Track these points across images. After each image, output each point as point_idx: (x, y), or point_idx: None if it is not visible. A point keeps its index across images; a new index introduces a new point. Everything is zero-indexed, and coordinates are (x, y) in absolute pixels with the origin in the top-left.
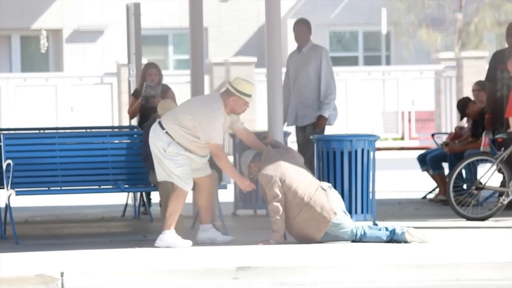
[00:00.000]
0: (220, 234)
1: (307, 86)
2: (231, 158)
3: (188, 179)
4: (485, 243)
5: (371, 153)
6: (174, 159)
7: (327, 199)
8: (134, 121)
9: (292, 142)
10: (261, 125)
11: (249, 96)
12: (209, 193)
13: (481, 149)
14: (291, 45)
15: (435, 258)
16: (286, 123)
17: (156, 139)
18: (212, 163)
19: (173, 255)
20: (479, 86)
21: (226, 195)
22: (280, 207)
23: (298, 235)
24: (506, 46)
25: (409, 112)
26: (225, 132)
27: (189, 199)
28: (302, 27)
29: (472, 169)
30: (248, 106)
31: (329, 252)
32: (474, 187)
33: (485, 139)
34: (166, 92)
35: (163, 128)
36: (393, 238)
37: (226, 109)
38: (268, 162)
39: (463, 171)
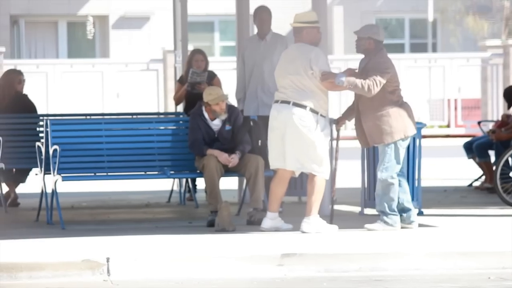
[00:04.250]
0: (284, 222)
1: (271, 74)
2: None
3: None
4: None
5: (417, 141)
6: (325, 135)
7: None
8: (180, 108)
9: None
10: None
11: (317, 22)
12: (286, 183)
13: None
14: (337, 33)
15: (481, 246)
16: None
17: (301, 121)
18: (258, 150)
19: (217, 241)
20: None
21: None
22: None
23: (370, 128)
24: None
25: (455, 100)
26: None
27: (234, 185)
28: (267, 14)
29: None
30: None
31: (374, 239)
32: None
33: None
34: (212, 78)
35: (304, 107)
36: (404, 215)
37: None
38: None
39: (510, 159)
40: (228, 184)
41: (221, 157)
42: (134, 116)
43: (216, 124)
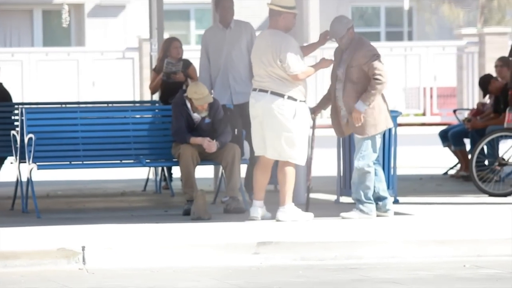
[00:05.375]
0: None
1: (241, 61)
2: None
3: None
4: (506, 219)
5: (393, 129)
6: (305, 121)
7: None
8: (156, 96)
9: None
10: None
11: (294, 8)
12: (269, 171)
13: (505, 125)
14: (313, 21)
15: (456, 234)
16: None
17: (279, 109)
18: (234, 138)
19: (193, 230)
20: (501, 62)
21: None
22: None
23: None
24: None
25: (431, 88)
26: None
27: (210, 173)
28: (230, 2)
29: (494, 145)
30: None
31: (350, 227)
32: (496, 163)
33: (509, 115)
34: (187, 67)
35: (282, 95)
36: (379, 203)
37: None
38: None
39: (485, 147)
40: (204, 172)
41: (205, 142)
42: (110, 105)
43: (196, 116)
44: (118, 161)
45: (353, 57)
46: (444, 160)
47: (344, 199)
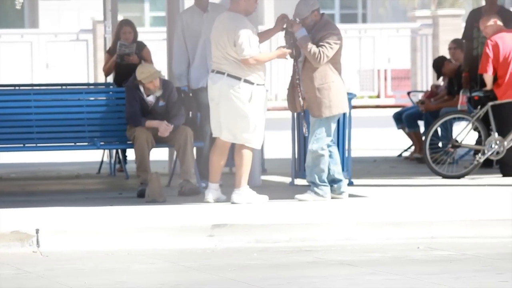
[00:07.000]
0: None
1: None
2: None
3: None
4: (460, 201)
5: (347, 111)
6: (261, 105)
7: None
8: (110, 78)
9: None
10: None
11: None
12: (226, 153)
13: (459, 107)
14: (268, 3)
15: (410, 216)
16: (191, 86)
17: (235, 92)
18: (187, 121)
19: (148, 213)
20: (455, 44)
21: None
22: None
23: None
24: (483, 4)
25: (385, 70)
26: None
27: (165, 156)
28: None
29: (448, 127)
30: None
31: (305, 209)
32: (450, 145)
33: (462, 97)
34: (141, 49)
35: (238, 78)
36: (334, 186)
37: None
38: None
39: (439, 129)
40: (159, 155)
41: (162, 126)
42: (64, 87)
43: (150, 100)
44: (72, 144)
45: (315, 37)
46: (398, 142)
47: (299, 182)
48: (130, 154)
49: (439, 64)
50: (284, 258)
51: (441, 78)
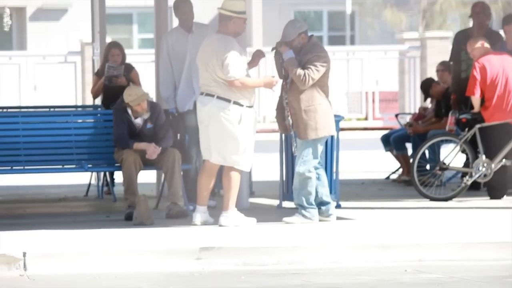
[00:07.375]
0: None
1: None
2: None
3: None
4: (448, 224)
5: (335, 134)
6: (250, 127)
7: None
8: (98, 101)
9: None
10: None
11: (245, 13)
12: (214, 176)
13: (447, 128)
14: (256, 24)
15: (398, 238)
16: (178, 109)
17: (224, 115)
18: (175, 143)
19: (135, 235)
20: (443, 67)
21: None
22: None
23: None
24: (470, 26)
25: (373, 92)
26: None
27: (153, 179)
28: (189, 7)
29: (435, 150)
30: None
31: (293, 232)
32: (438, 168)
33: (451, 118)
34: (129, 71)
35: (228, 100)
36: (322, 208)
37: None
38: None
39: (427, 152)
40: (147, 177)
41: (150, 148)
42: (52, 109)
43: (138, 122)
44: (60, 166)
45: (302, 59)
46: (386, 165)
47: (287, 204)
48: (118, 176)
49: (427, 86)
50: (272, 281)
51: (428, 100)
